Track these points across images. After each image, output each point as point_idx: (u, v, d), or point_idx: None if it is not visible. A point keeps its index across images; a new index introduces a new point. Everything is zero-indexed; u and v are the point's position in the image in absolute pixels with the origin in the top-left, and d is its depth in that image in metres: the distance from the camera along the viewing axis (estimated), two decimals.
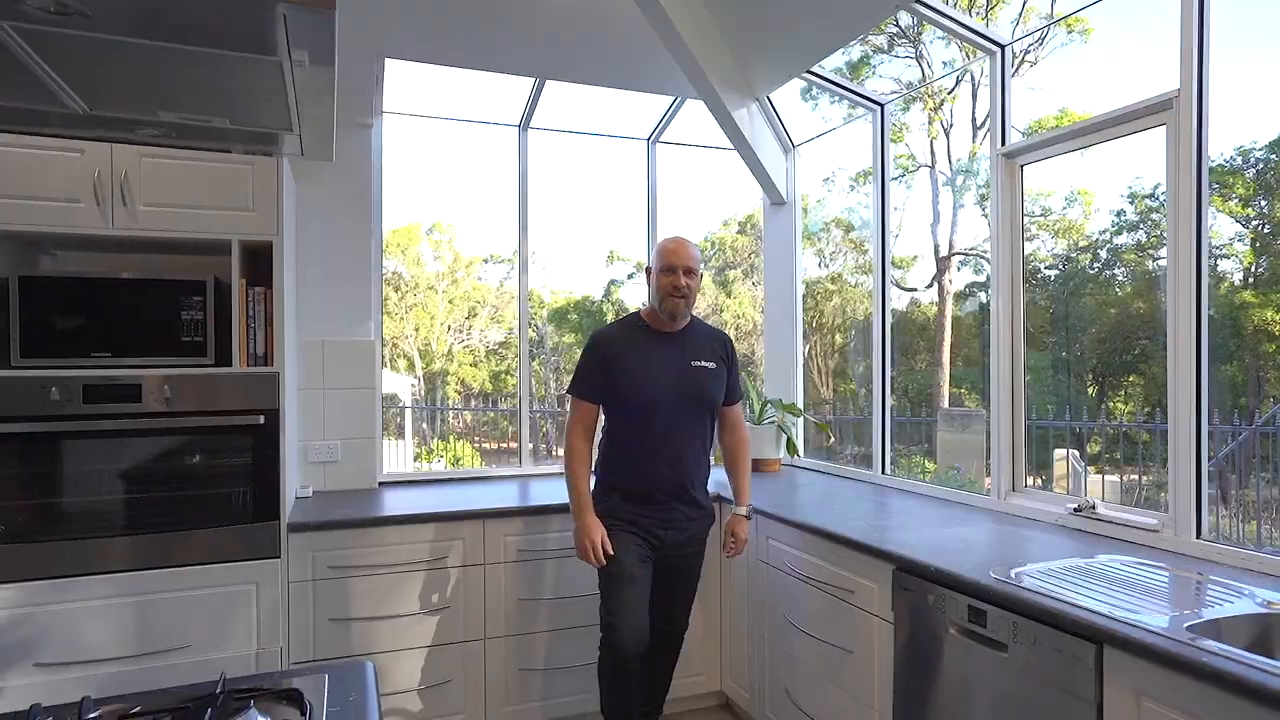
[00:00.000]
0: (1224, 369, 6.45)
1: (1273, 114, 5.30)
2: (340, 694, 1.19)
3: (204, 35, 0.82)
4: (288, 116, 1.08)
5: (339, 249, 2.87)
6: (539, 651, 2.62)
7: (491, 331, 12.43)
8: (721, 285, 11.40)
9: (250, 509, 2.29)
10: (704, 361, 2.28)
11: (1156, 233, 6.61)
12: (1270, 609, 1.58)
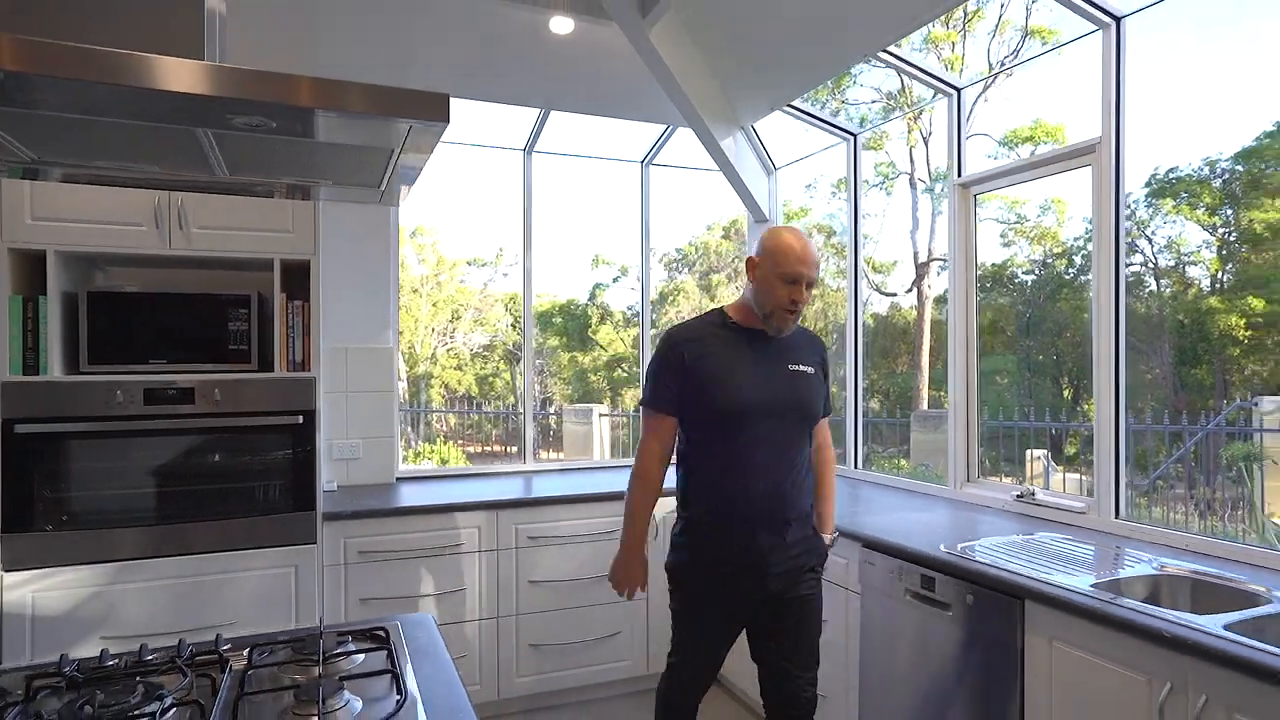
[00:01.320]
0: (1192, 372, 6.89)
1: (1237, 127, 5.75)
2: (411, 634, 1.52)
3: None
4: (381, 178, 1.41)
5: (361, 263, 3.20)
6: (546, 629, 2.96)
7: (476, 335, 12.65)
8: (705, 289, 11.74)
9: (290, 500, 2.61)
10: (803, 365, 1.94)
11: (1128, 239, 7.07)
12: (1162, 571, 1.97)
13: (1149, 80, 5.20)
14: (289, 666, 1.34)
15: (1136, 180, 6.43)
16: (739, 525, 1.87)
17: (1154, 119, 5.88)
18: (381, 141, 1.19)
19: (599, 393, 11.86)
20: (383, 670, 1.31)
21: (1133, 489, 5.05)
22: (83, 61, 0.90)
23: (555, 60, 3.08)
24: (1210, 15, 4.21)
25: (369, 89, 1.04)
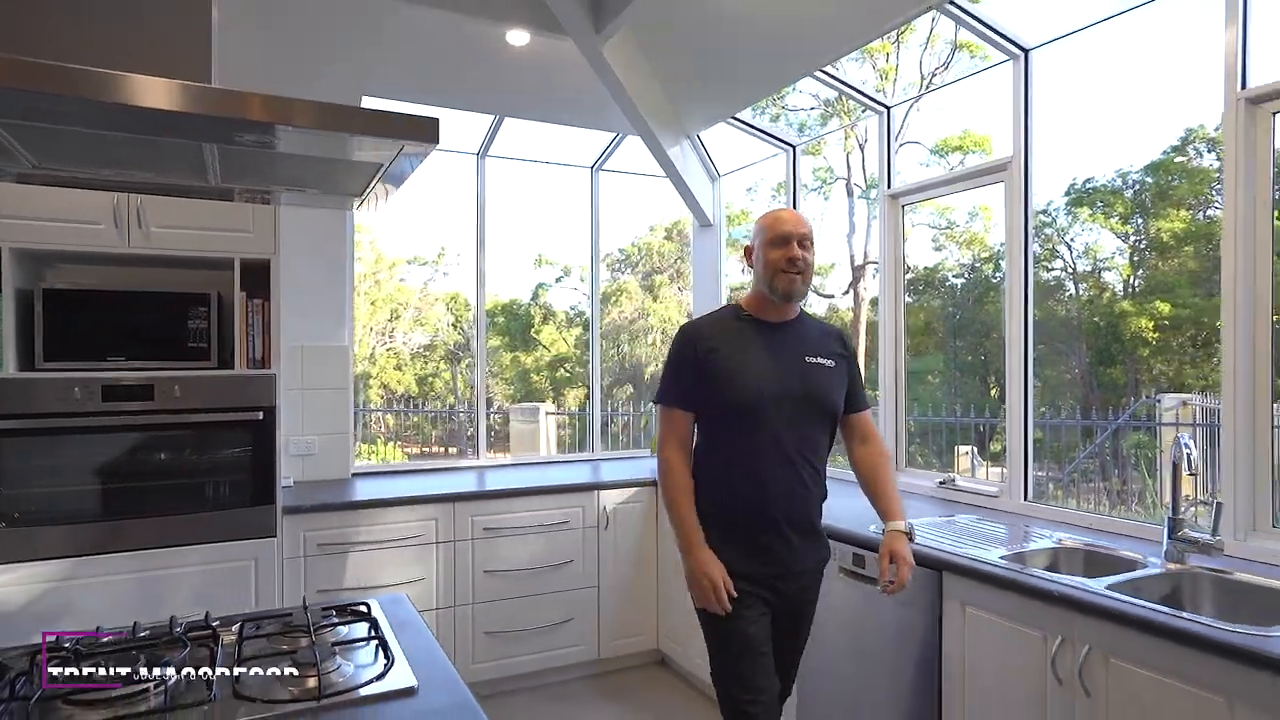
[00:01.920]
0: (1108, 371, 7.39)
1: (1147, 141, 6.20)
2: (389, 610, 1.66)
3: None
4: (364, 188, 1.54)
5: (317, 263, 3.27)
6: (502, 616, 3.09)
7: (416, 334, 12.54)
8: (648, 290, 11.93)
9: (249, 494, 2.68)
10: (820, 357, 1.88)
11: (1049, 245, 7.54)
12: (1061, 544, 2.25)
13: (1070, 95, 5.61)
14: (279, 639, 1.46)
15: (1057, 189, 6.90)
16: (748, 521, 1.81)
17: (1074, 131, 6.34)
18: (374, 159, 1.33)
19: (542, 392, 11.92)
20: (369, 638, 1.45)
21: (1053, 482, 5.51)
22: (102, 85, 1.02)
23: (511, 70, 3.22)
24: (1115, 45, 4.62)
25: (373, 114, 1.19)
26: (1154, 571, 1.96)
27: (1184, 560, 1.97)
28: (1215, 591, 1.90)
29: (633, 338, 11.96)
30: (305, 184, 1.52)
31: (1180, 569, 1.96)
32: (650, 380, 11.42)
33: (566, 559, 3.21)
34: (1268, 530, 2.01)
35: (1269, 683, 1.38)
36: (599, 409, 4.37)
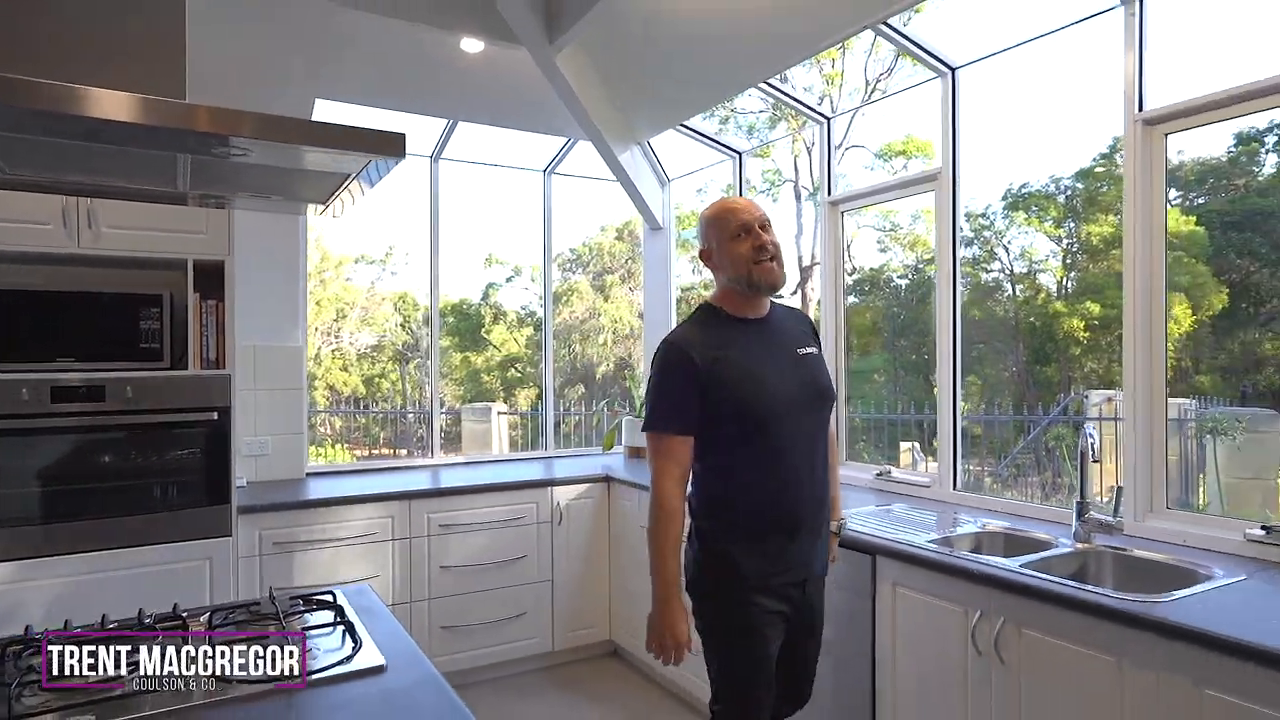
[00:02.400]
0: (1043, 369, 7.76)
1: (1077, 148, 6.54)
2: (353, 599, 1.74)
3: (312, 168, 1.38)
4: (329, 195, 1.62)
5: (270, 263, 3.29)
6: (457, 611, 3.17)
7: (363, 335, 12.38)
8: (599, 290, 12.02)
9: (204, 494, 2.71)
10: (807, 348, 1.81)
11: (987, 248, 7.88)
12: (984, 529, 2.44)
13: (1007, 104, 5.91)
14: (249, 625, 1.54)
15: (995, 193, 7.24)
16: (778, 531, 1.72)
17: (1011, 138, 6.67)
18: (341, 170, 1.42)
19: (492, 393, 11.90)
20: (335, 623, 1.53)
21: (991, 475, 5.81)
22: (66, 99, 1.09)
23: (465, 76, 3.30)
24: (1044, 62, 4.90)
25: (345, 130, 1.28)
26: (1064, 551, 2.17)
27: (1090, 540, 2.18)
28: (1115, 566, 2.11)
29: (584, 338, 12.03)
30: (270, 192, 1.60)
31: (1087, 548, 2.16)
32: (601, 380, 11.52)
33: (520, 554, 3.31)
34: (1163, 511, 2.23)
35: (1150, 642, 1.57)
36: (552, 408, 4.47)
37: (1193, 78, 2.19)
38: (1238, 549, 2.01)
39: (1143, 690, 1.59)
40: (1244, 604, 1.65)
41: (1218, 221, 6.06)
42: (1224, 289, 5.97)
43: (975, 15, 6.62)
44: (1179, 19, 2.42)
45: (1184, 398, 5.66)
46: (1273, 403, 5.32)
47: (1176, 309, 6.17)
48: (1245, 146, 5.67)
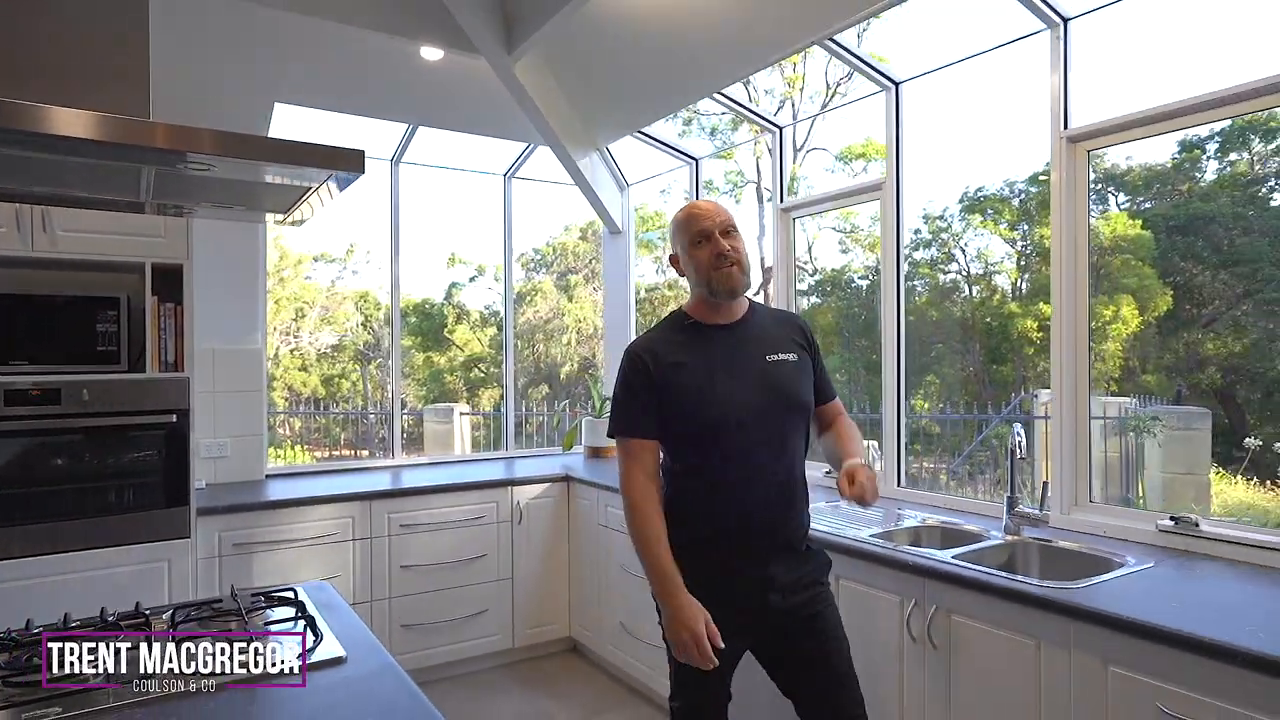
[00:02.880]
0: (999, 369, 8.00)
1: (1030, 153, 6.77)
2: (314, 596, 1.80)
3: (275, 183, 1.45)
4: (290, 206, 1.68)
5: (229, 265, 3.31)
6: (418, 609, 3.23)
7: (323, 334, 12.25)
8: (563, 290, 12.06)
9: (162, 496, 2.73)
10: (781, 354, 1.75)
11: (945, 250, 8.11)
12: (924, 523, 2.58)
13: (963, 110, 6.12)
14: (211, 622, 1.60)
15: (953, 196, 7.46)
16: (734, 542, 1.70)
17: (967, 142, 6.88)
18: (302, 183, 1.49)
19: (455, 393, 11.88)
20: (296, 617, 1.60)
21: (947, 473, 6.00)
22: (26, 116, 1.15)
23: (424, 83, 3.36)
24: (987, 74, 5.10)
25: (307, 147, 1.35)
26: (994, 542, 2.31)
27: (1019, 532, 2.33)
28: (1041, 557, 2.26)
29: (548, 337, 12.06)
30: (232, 203, 1.66)
31: (1016, 540, 2.31)
32: (566, 380, 11.58)
33: (481, 553, 3.38)
34: (1087, 505, 2.39)
35: (1064, 625, 1.71)
36: (513, 408, 4.54)
37: (1115, 97, 2.35)
38: (1151, 539, 2.17)
39: (1057, 669, 1.73)
40: (1148, 589, 1.80)
41: (1163, 225, 6.29)
42: (1169, 291, 6.20)
43: (920, 33, 6.84)
44: (1103, 43, 2.58)
45: (1125, 397, 5.92)
46: (1214, 402, 5.57)
47: (1124, 310, 6.41)
48: (1189, 154, 5.93)
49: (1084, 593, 1.76)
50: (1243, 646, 1.42)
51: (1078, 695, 1.68)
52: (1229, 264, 5.89)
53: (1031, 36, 2.50)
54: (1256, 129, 5.43)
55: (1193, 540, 2.09)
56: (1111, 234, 6.70)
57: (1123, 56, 3.36)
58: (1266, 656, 1.39)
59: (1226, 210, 5.72)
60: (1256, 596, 1.74)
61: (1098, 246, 6.72)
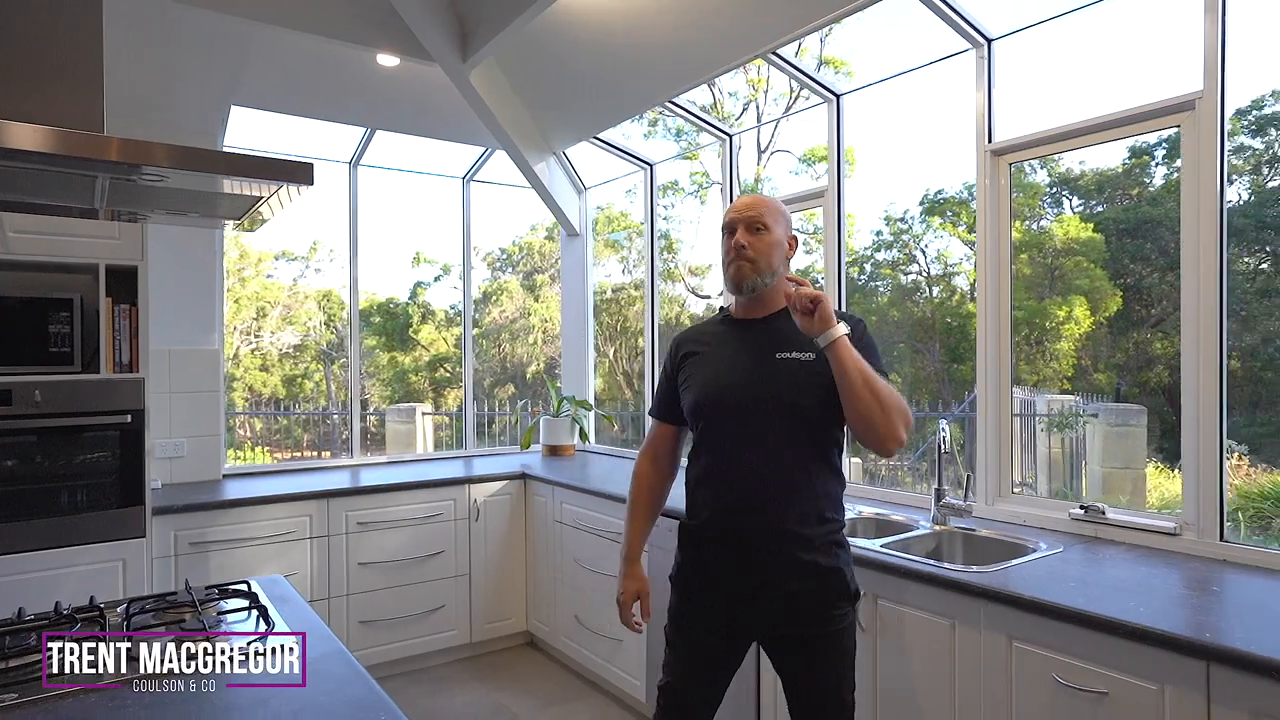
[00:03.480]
0: (959, 368, 8.23)
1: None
2: (267, 588, 1.88)
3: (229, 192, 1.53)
4: (245, 211, 1.76)
5: (186, 266, 3.34)
6: (376, 606, 3.30)
7: (285, 334, 12.14)
8: (529, 289, 12.09)
9: (117, 496, 2.77)
10: (795, 352, 1.65)
11: (906, 251, 8.32)
12: (859, 515, 2.72)
13: (919, 116, 6.31)
14: (165, 613, 1.66)
15: (913, 198, 7.68)
16: (719, 536, 1.68)
17: (928, 145, 7.08)
18: (255, 192, 1.57)
19: (421, 393, 11.85)
20: (250, 608, 1.68)
21: (905, 469, 6.18)
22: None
23: (381, 89, 3.42)
24: (929, 88, 5.29)
25: (258, 161, 1.43)
26: (923, 532, 2.46)
27: (946, 522, 2.48)
28: (964, 545, 2.42)
29: (513, 337, 12.10)
30: (186, 210, 1.73)
31: (942, 529, 2.46)
32: (532, 379, 11.63)
33: (438, 550, 3.46)
34: (1009, 496, 2.55)
35: (976, 606, 1.85)
36: (471, 407, 4.61)
37: (1037, 113, 2.52)
38: (1064, 526, 2.33)
39: (970, 647, 1.87)
40: (1054, 571, 1.95)
41: (1114, 229, 6.52)
42: (1119, 292, 6.43)
43: (867, 45, 7.03)
44: (1025, 62, 2.74)
45: (1074, 395, 6.17)
46: (1163, 400, 5.80)
47: (1077, 310, 6.65)
48: (1138, 159, 6.18)
49: (993, 576, 1.91)
50: (1126, 620, 1.57)
51: (986, 670, 1.83)
52: (1175, 266, 6.15)
53: (959, 55, 2.65)
54: None
55: (1100, 527, 2.25)
56: (1065, 236, 6.92)
57: (1044, 75, 3.54)
58: (1144, 628, 1.54)
59: (1173, 214, 5.97)
60: (1147, 576, 1.90)
61: (1052, 249, 6.95)
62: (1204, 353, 2.06)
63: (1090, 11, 2.35)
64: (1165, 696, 1.52)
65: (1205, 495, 2.06)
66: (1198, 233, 2.08)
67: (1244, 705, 1.41)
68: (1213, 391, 2.05)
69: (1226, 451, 2.09)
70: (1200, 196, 2.07)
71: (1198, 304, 2.07)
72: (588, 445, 4.46)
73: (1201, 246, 2.07)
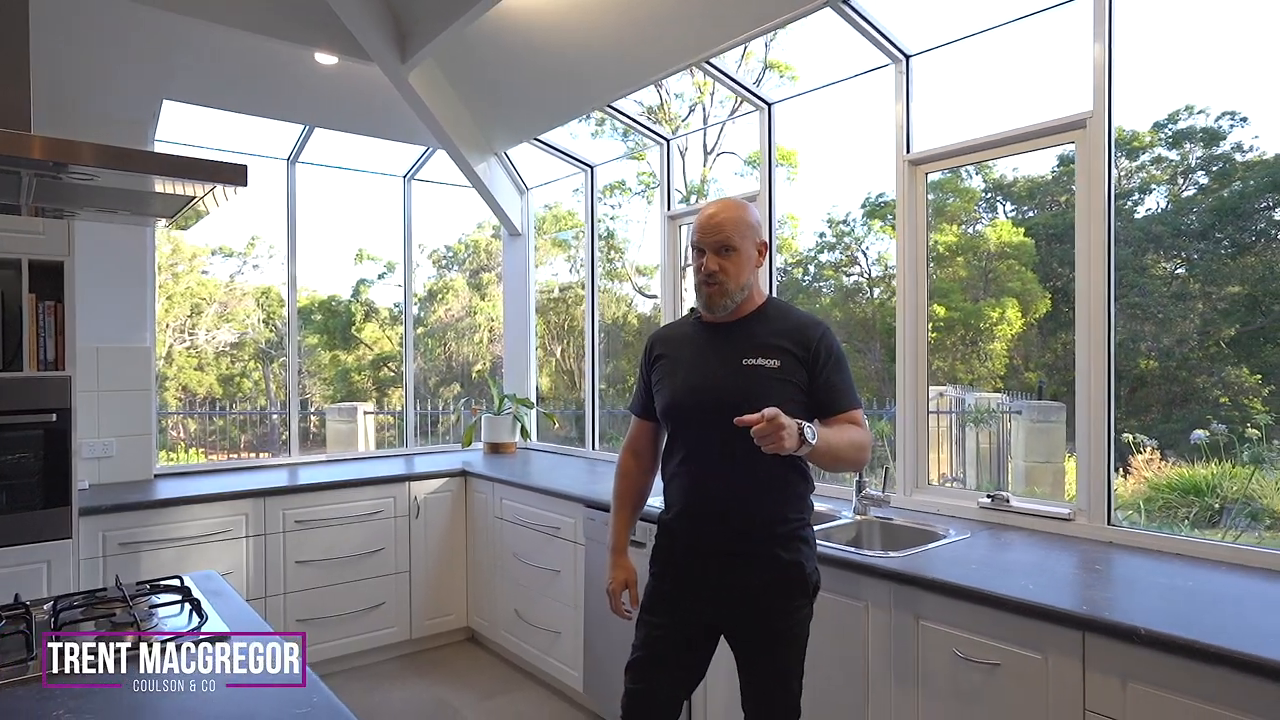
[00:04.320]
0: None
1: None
2: (201, 584, 1.90)
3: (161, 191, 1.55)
4: (178, 210, 1.78)
5: (115, 261, 3.29)
6: (315, 604, 3.30)
7: (221, 332, 11.84)
8: (475, 287, 12.03)
9: (41, 496, 2.73)
10: (760, 359, 1.68)
11: (848, 253, 8.55)
12: None
13: (860, 120, 6.51)
14: (94, 609, 1.68)
15: (855, 201, 7.91)
16: (684, 532, 1.77)
17: (868, 150, 7.29)
18: (188, 192, 1.60)
19: (364, 393, 11.69)
20: (182, 601, 1.70)
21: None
22: None
23: (320, 86, 3.42)
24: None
25: (187, 161, 1.47)
26: (844, 521, 2.60)
27: (866, 512, 2.62)
28: (882, 533, 2.56)
29: (459, 336, 12.02)
30: (117, 208, 1.75)
31: (863, 519, 2.60)
32: (477, 378, 11.59)
33: (378, 547, 3.48)
34: (925, 487, 2.71)
35: (885, 588, 1.99)
36: (414, 406, 4.63)
37: (954, 126, 2.68)
38: (974, 514, 2.50)
39: (880, 626, 2.00)
40: (959, 556, 2.10)
41: (1043, 233, 6.80)
42: (1048, 295, 6.72)
43: (805, 54, 7.22)
44: (945, 77, 2.91)
45: (1001, 393, 6.46)
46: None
47: (1009, 312, 6.94)
48: (1065, 167, 6.49)
49: (903, 561, 2.04)
50: (1014, 596, 1.72)
51: (896, 648, 1.96)
52: None
53: (879, 70, 2.80)
54: (1122, 147, 6.04)
55: (1005, 514, 2.42)
56: (998, 240, 7.22)
57: (961, 90, 3.74)
58: (1030, 603, 1.69)
59: None
60: (1042, 558, 2.06)
61: (986, 252, 7.24)
62: (1094, 352, 2.24)
63: (1002, 31, 2.52)
64: (1048, 665, 1.67)
65: (1095, 483, 2.24)
66: (1089, 239, 2.25)
67: (1115, 670, 1.56)
68: (1101, 388, 2.23)
69: (1138, 446, 2.26)
70: (1091, 207, 2.25)
71: (1089, 307, 2.25)
72: (529, 443, 4.52)
73: (1092, 252, 2.25)
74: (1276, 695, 1.35)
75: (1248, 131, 5.30)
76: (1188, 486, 4.39)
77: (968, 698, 1.81)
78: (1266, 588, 1.79)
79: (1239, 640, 1.43)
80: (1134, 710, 1.53)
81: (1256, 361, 5.18)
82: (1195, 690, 1.45)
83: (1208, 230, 5.66)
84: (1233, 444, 4.41)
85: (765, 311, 1.78)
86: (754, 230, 1.74)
